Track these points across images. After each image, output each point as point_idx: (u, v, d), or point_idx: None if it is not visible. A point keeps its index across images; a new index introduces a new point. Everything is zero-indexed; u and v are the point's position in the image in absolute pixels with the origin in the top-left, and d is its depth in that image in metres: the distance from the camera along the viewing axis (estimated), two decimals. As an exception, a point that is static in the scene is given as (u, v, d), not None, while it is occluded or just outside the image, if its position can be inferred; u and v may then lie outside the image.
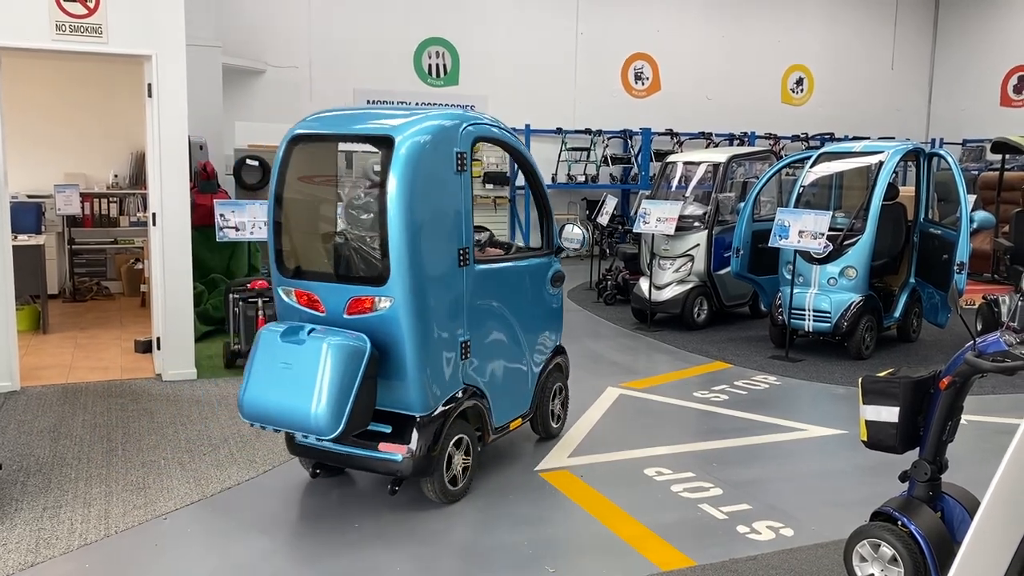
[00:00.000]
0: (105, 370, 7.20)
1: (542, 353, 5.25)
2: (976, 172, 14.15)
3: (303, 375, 3.98)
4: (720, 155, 9.59)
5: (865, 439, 3.64)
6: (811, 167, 8.60)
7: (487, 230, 5.49)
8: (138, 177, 11.29)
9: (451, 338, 4.37)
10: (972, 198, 13.20)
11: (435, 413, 4.29)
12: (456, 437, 4.41)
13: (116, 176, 11.42)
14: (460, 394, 4.44)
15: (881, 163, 8.06)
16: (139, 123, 7.81)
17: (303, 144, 4.57)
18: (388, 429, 4.27)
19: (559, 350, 5.48)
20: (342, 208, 4.74)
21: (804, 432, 5.79)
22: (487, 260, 4.76)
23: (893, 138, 16.82)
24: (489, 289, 4.66)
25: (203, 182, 9.35)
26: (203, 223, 8.54)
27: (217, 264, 9.10)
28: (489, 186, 15.43)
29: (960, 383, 3.41)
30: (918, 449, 3.56)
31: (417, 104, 14.80)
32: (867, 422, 3.60)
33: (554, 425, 5.50)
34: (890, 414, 3.52)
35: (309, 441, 4.40)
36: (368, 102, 14.44)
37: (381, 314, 4.17)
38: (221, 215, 7.43)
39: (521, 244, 15.37)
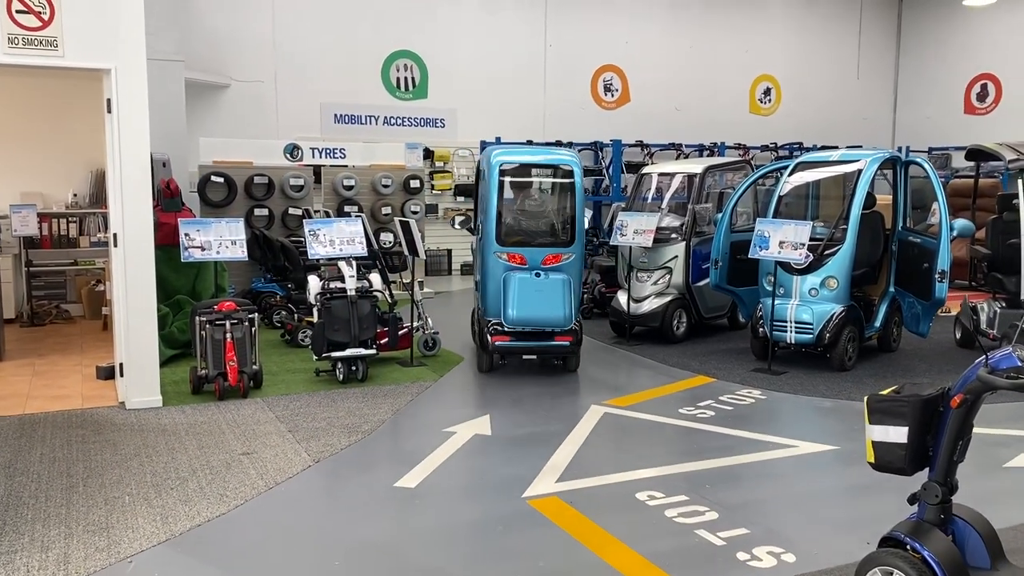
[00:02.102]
0: (65, 399, 6.86)
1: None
2: (944, 180, 14.20)
3: (551, 295, 7.42)
4: (696, 166, 9.49)
5: (872, 461, 3.47)
6: (788, 177, 8.51)
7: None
8: (98, 196, 10.92)
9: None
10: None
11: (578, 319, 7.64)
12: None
13: (75, 195, 11.04)
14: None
15: (860, 172, 8.00)
16: (98, 140, 7.50)
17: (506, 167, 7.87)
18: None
19: None
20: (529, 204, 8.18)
21: (795, 449, 5.64)
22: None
23: (861, 147, 16.90)
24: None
25: (167, 200, 9.03)
26: (167, 242, 8.23)
27: (182, 285, 8.77)
28: (460, 198, 15.24)
29: (972, 400, 3.26)
30: (927, 470, 3.40)
31: (385, 118, 14.59)
32: (874, 443, 3.44)
33: None
34: (899, 434, 3.35)
35: (513, 344, 7.49)
36: (335, 117, 14.20)
37: (567, 262, 7.69)
38: (186, 234, 7.16)
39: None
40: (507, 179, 7.88)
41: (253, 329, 7.05)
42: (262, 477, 5.07)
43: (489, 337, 7.46)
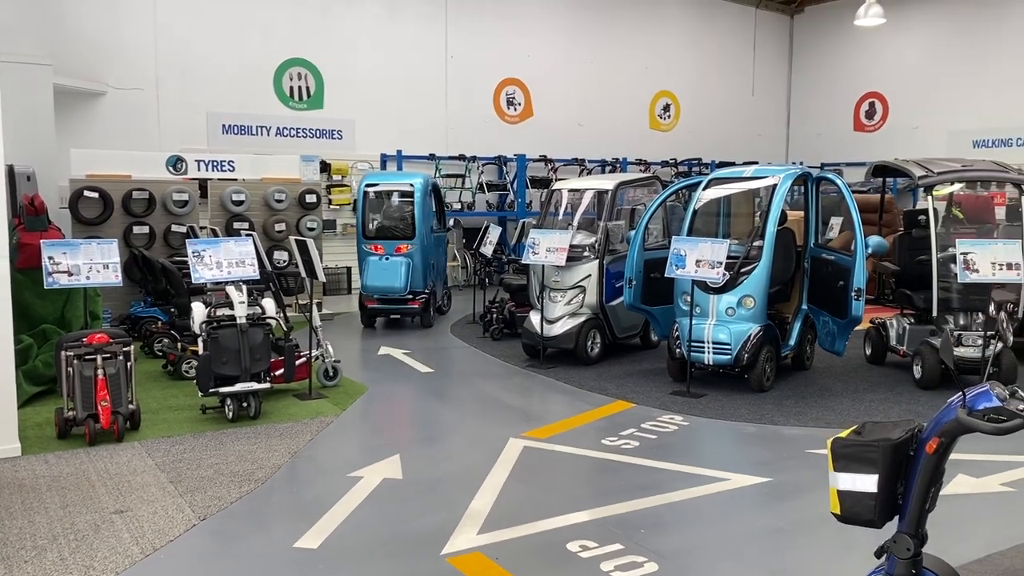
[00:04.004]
0: (-99, 450, 5.91)
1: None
2: (836, 196, 14.48)
3: (392, 271, 10.54)
4: (608, 182, 9.21)
5: (838, 512, 3.12)
6: (702, 193, 8.31)
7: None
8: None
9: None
10: (839, 221, 13.51)
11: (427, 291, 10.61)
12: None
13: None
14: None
15: (774, 188, 7.86)
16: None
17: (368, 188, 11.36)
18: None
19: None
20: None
21: (727, 482, 5.32)
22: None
23: (756, 163, 17.16)
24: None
25: (30, 218, 8.10)
26: (31, 265, 7.37)
27: (49, 312, 7.86)
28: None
29: (947, 444, 2.95)
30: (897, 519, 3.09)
31: (278, 129, 13.82)
32: (840, 492, 3.09)
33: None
34: (868, 482, 3.01)
35: (379, 306, 10.81)
36: (224, 127, 13.33)
37: (411, 250, 10.69)
38: (50, 257, 6.35)
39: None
40: (371, 195, 11.36)
41: (129, 363, 6.28)
42: (138, 542, 4.37)
43: (364, 303, 10.93)
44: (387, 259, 10.76)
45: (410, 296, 10.75)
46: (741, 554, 4.33)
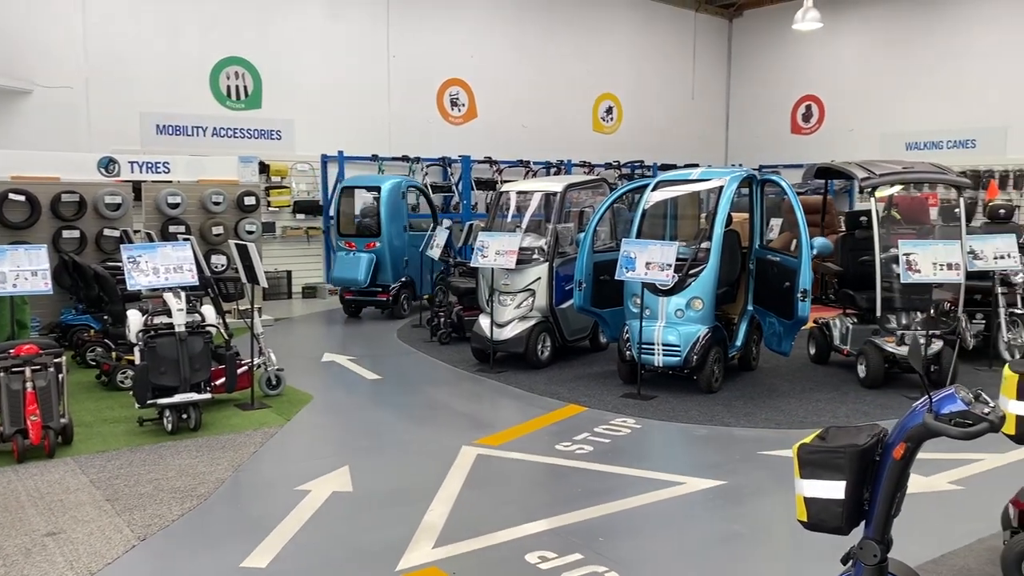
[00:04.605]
0: None
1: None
2: (778, 197, 14.70)
3: (355, 265, 11.74)
4: (556, 184, 9.15)
5: (804, 520, 3.08)
6: (650, 196, 8.31)
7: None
8: None
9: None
10: (778, 222, 13.71)
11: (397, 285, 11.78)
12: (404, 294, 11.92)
13: None
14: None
15: (721, 190, 7.89)
16: None
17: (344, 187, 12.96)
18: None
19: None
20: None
21: (683, 486, 5.29)
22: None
23: (698, 165, 17.35)
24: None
25: (-50, 222, 7.66)
26: (-50, 273, 6.94)
27: (-29, 322, 7.45)
28: (300, 215, 14.28)
29: (913, 449, 2.94)
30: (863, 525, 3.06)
31: (215, 129, 13.43)
32: (807, 499, 3.05)
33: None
34: (835, 489, 2.98)
35: (354, 298, 12.00)
36: (158, 127, 12.90)
37: (378, 247, 11.90)
38: (-29, 265, 5.99)
39: (328, 284, 14.37)
40: (343, 195, 12.73)
41: (60, 375, 5.98)
42: (72, 566, 4.12)
43: (343, 295, 12.21)
44: (353, 254, 11.90)
45: (379, 289, 11.85)
46: (703, 561, 4.29)
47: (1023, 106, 14.92)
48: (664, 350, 7.59)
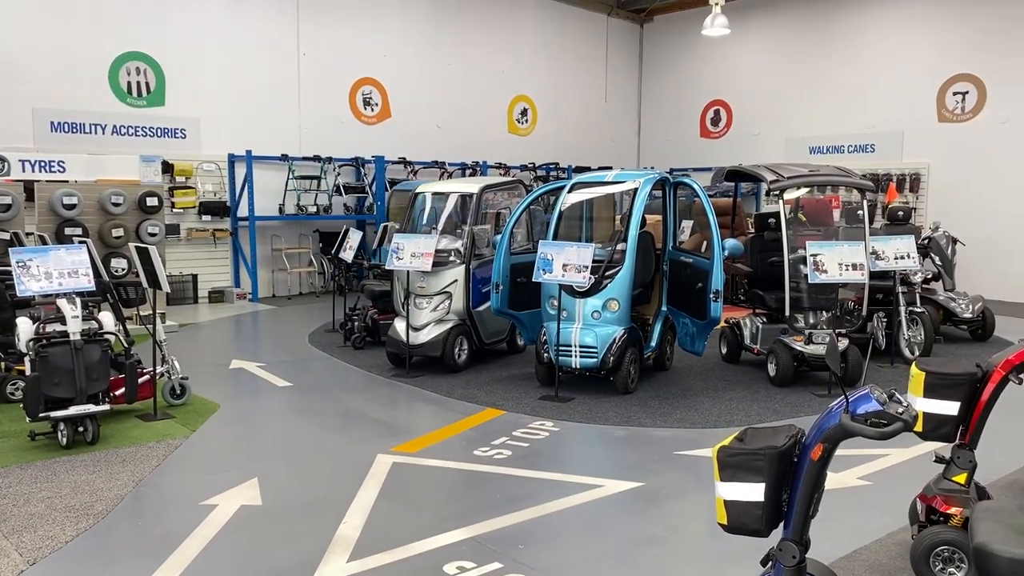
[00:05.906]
0: None
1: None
2: (687, 200, 14.98)
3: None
4: (472, 186, 9.05)
5: (725, 523, 3.08)
6: (566, 197, 8.31)
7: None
8: None
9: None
10: (689, 224, 13.95)
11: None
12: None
13: None
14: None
15: (635, 192, 7.94)
16: None
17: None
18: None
19: None
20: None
21: (602, 489, 5.27)
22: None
23: (611, 167, 17.55)
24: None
25: None
26: None
27: None
28: (206, 217, 13.77)
29: (830, 450, 2.96)
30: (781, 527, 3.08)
31: (115, 127, 12.83)
32: (727, 502, 3.05)
33: None
34: (755, 491, 2.99)
35: None
36: (52, 124, 12.24)
37: None
38: None
39: (236, 288, 13.92)
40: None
41: (-60, 389, 5.55)
42: (-49, 596, 3.81)
43: None
44: None
45: None
46: (623, 565, 4.25)
47: (918, 112, 15.60)
48: (581, 352, 7.59)
